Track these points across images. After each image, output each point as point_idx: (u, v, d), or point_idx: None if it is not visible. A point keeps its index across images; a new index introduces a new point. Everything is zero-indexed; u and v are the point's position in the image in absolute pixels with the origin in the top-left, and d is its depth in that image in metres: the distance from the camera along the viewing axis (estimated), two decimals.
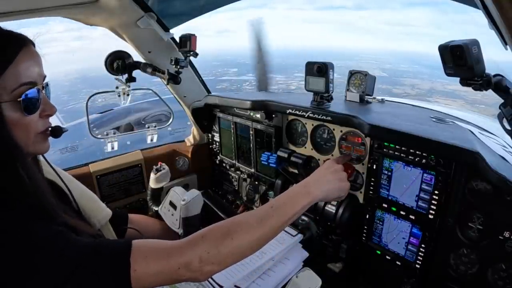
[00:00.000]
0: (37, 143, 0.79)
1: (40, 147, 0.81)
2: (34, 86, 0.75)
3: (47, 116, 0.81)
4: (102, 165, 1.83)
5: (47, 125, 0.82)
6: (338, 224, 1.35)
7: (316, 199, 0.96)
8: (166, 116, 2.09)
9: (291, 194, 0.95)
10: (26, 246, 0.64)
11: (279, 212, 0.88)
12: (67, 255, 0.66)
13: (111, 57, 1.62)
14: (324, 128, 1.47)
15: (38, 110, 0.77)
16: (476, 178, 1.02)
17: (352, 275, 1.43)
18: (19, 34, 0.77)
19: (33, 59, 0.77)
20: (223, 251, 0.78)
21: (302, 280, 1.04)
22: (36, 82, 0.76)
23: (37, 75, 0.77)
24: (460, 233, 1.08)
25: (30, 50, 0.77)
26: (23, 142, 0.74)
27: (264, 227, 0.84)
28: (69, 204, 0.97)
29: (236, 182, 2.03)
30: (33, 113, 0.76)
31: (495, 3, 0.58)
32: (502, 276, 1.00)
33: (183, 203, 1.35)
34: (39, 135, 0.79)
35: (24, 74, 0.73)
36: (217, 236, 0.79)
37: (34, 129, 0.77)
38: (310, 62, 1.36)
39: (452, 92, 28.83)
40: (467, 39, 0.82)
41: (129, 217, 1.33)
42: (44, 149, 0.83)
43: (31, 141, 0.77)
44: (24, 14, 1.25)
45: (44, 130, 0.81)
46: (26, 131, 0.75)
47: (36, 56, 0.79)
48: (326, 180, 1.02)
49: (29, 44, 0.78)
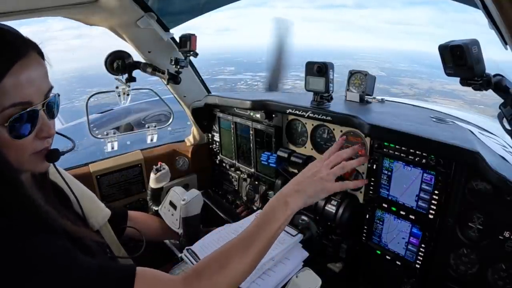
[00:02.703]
0: (33, 163, 0.73)
1: (36, 167, 0.75)
2: (28, 106, 0.66)
3: (44, 138, 0.72)
4: (102, 165, 1.83)
5: (43, 145, 0.73)
6: (338, 224, 1.35)
7: (296, 208, 0.90)
8: (166, 116, 2.09)
9: (269, 210, 0.89)
10: (24, 265, 0.59)
11: (264, 230, 0.84)
12: (70, 277, 0.62)
13: (111, 57, 1.62)
14: (324, 128, 1.47)
15: (32, 132, 0.68)
16: (476, 178, 1.02)
17: (352, 275, 1.43)
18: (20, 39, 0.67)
19: (31, 73, 0.66)
20: (219, 286, 0.77)
21: (302, 280, 1.04)
22: (31, 102, 0.66)
23: (34, 93, 0.67)
24: (460, 233, 1.08)
25: (29, 62, 0.66)
26: (16, 162, 0.68)
27: (253, 249, 0.81)
28: (70, 207, 0.96)
29: (236, 182, 2.03)
30: (24, 138, 0.67)
31: (495, 3, 0.58)
32: (502, 276, 1.00)
33: (183, 203, 1.35)
34: (34, 155, 0.72)
35: (15, 93, 0.63)
36: (211, 272, 0.77)
37: (29, 150, 0.70)
38: (310, 62, 1.36)
39: (451, 92, 28.81)
40: (467, 39, 0.82)
41: (128, 214, 1.32)
42: (41, 169, 0.76)
43: (25, 160, 0.70)
44: (24, 14, 1.25)
45: (40, 151, 0.72)
46: (18, 153, 0.68)
47: (36, 68, 0.68)
48: (305, 185, 0.93)
49: (29, 53, 0.67)
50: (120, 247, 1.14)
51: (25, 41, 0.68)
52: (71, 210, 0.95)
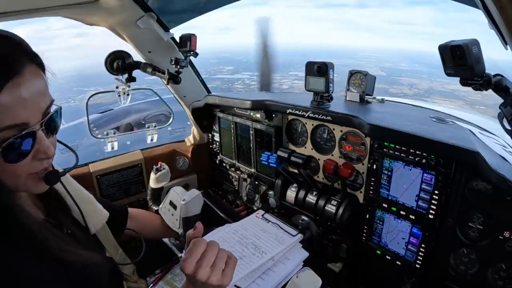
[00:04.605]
0: (30, 185, 0.68)
1: (33, 188, 0.70)
2: (25, 128, 0.60)
3: (42, 159, 0.66)
4: (102, 165, 1.83)
5: (42, 166, 0.67)
6: (338, 224, 1.35)
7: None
8: (166, 116, 2.09)
9: None
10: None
11: None
12: None
13: (111, 57, 1.62)
14: (324, 128, 1.47)
15: (29, 154, 0.63)
16: (476, 178, 1.02)
17: (352, 275, 1.43)
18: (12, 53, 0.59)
19: (27, 91, 0.59)
20: None
21: (302, 280, 1.04)
22: (27, 122, 0.60)
23: (30, 113, 0.60)
24: (460, 233, 1.08)
25: (24, 80, 0.59)
26: (12, 185, 0.64)
27: None
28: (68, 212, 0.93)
29: (236, 182, 2.03)
30: (20, 161, 0.62)
31: (495, 3, 0.58)
32: (502, 276, 1.00)
33: (183, 203, 1.35)
34: (32, 176, 0.67)
35: (8, 114, 0.57)
36: None
37: (26, 171, 0.65)
38: (310, 62, 1.36)
39: (451, 92, 28.72)
40: (467, 39, 0.82)
41: (129, 212, 1.31)
42: (39, 190, 0.72)
43: (22, 183, 0.65)
44: (24, 14, 1.25)
45: (39, 171, 0.68)
46: (14, 176, 0.63)
47: (33, 85, 0.60)
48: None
49: (24, 69, 0.59)
50: (118, 248, 1.13)
51: (21, 55, 0.61)
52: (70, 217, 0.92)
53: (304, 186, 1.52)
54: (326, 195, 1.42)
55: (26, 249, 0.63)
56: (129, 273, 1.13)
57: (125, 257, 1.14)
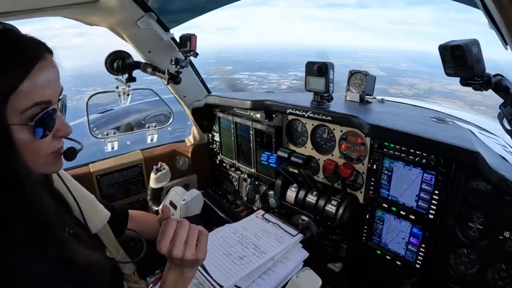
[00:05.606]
0: (49, 164, 0.73)
1: (52, 167, 0.76)
2: (49, 105, 0.67)
3: (61, 137, 0.74)
4: (102, 165, 1.83)
5: (60, 145, 0.74)
6: (338, 224, 1.35)
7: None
8: (166, 116, 2.09)
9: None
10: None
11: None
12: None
13: (111, 57, 1.62)
14: (324, 128, 1.47)
15: (51, 131, 0.69)
16: (476, 178, 1.02)
17: (352, 275, 1.43)
18: (36, 41, 0.68)
19: (50, 73, 0.67)
20: None
21: (302, 280, 1.04)
22: (51, 100, 0.67)
23: (52, 93, 0.68)
24: (460, 233, 1.08)
25: (47, 62, 0.67)
26: (33, 164, 0.68)
27: None
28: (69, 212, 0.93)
29: (236, 182, 2.03)
30: (47, 136, 0.68)
31: (495, 3, 0.58)
32: (502, 276, 1.00)
33: (183, 203, 1.35)
34: (51, 155, 0.72)
35: (39, 92, 0.64)
36: None
37: (46, 150, 0.70)
38: (310, 62, 1.36)
39: (451, 92, 28.65)
40: (467, 39, 0.82)
41: (129, 213, 1.32)
42: (56, 169, 0.78)
43: (42, 162, 0.70)
44: (24, 14, 1.25)
45: (57, 150, 0.74)
46: (37, 154, 0.68)
47: (53, 68, 0.69)
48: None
49: (47, 54, 0.68)
50: (119, 249, 1.13)
51: (42, 44, 0.70)
52: (72, 217, 0.93)
53: (304, 186, 1.52)
54: (326, 195, 1.42)
55: (31, 244, 0.64)
56: (130, 273, 1.13)
57: (126, 257, 1.14)
